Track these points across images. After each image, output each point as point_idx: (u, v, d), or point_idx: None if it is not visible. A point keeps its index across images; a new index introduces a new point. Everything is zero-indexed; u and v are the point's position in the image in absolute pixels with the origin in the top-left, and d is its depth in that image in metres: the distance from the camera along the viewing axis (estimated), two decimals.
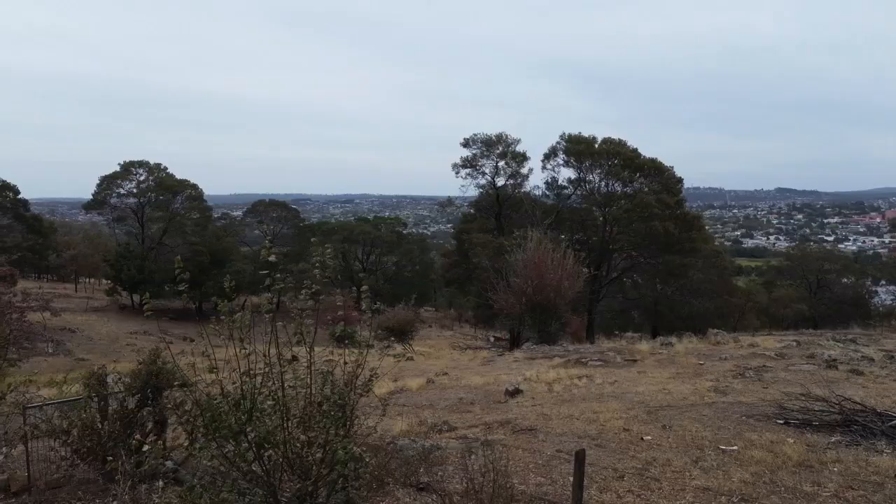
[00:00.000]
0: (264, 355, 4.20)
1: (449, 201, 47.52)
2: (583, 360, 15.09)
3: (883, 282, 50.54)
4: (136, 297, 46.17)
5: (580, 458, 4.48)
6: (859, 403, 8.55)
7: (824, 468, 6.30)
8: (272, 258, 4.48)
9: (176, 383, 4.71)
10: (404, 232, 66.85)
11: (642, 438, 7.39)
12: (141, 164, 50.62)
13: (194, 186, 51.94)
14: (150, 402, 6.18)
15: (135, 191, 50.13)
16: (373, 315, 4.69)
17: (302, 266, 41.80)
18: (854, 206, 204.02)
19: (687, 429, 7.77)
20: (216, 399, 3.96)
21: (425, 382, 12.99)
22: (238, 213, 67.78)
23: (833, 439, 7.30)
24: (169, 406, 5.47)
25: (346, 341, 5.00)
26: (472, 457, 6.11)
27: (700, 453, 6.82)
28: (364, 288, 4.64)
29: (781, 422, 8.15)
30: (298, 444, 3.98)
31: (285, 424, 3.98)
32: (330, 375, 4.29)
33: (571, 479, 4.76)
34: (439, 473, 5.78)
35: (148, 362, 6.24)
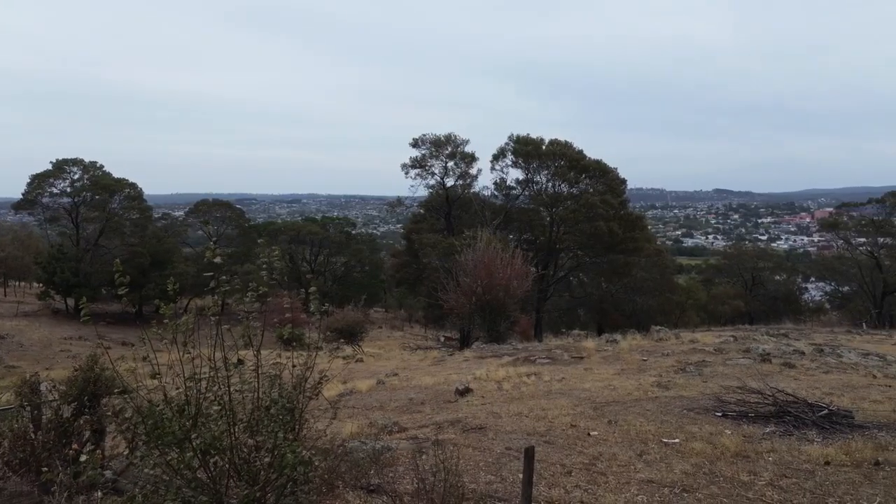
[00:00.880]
0: (209, 359, 4.10)
1: (398, 201, 47.41)
2: (531, 358, 15.30)
3: (812, 279, 53.13)
4: (71, 301, 44.21)
5: (529, 455, 4.54)
6: (791, 395, 8.97)
7: (760, 458, 6.59)
8: (217, 259, 4.38)
9: (115, 390, 4.54)
10: (353, 232, 66.27)
11: (589, 434, 7.56)
12: (75, 161, 48.47)
13: (133, 186, 50.09)
14: (87, 410, 5.94)
15: (68, 190, 47.94)
16: (321, 317, 4.64)
17: (248, 267, 40.90)
18: (785, 206, 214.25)
19: (632, 423, 7.99)
20: (158, 405, 3.84)
21: (375, 384, 12.92)
22: (180, 213, 65.74)
23: (768, 430, 7.64)
24: (108, 414, 5.26)
25: (294, 344, 4.92)
26: (423, 457, 6.12)
27: (644, 447, 7.02)
28: (312, 289, 4.59)
29: (720, 414, 8.48)
30: (246, 450, 3.90)
31: (232, 430, 3.90)
32: (278, 379, 4.23)
33: (521, 476, 4.82)
34: (390, 474, 5.76)
35: (85, 369, 5.98)
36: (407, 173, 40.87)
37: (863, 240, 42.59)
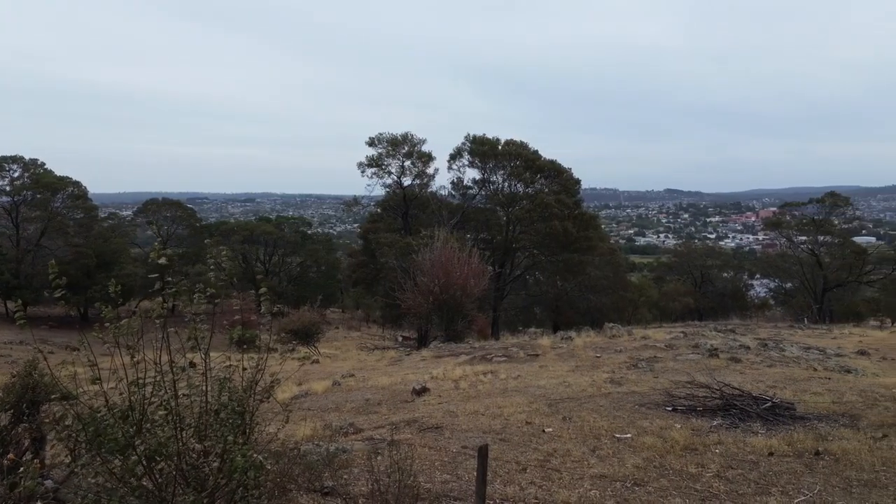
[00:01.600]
0: (155, 363, 3.98)
1: (355, 200, 46.96)
2: (488, 356, 15.39)
3: (758, 276, 54.99)
4: (11, 305, 42.31)
5: (483, 453, 4.56)
6: (737, 388, 9.28)
7: (707, 450, 6.78)
8: (163, 260, 4.24)
9: (54, 396, 4.36)
10: (309, 232, 65.38)
11: (544, 430, 7.64)
12: (14, 159, 46.40)
13: (77, 184, 48.26)
14: (25, 417, 5.68)
15: (7, 188, 45.85)
16: (273, 318, 4.55)
17: (198, 268, 39.94)
18: (732, 206, 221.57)
19: (585, 419, 8.12)
20: (100, 412, 3.70)
21: (331, 385, 12.78)
22: (127, 212, 63.70)
23: (715, 423, 7.88)
24: (47, 421, 5.04)
25: (245, 346, 4.82)
26: (379, 458, 6.08)
27: (597, 442, 7.14)
28: (263, 290, 4.49)
29: (670, 409, 8.70)
30: (194, 455, 3.79)
31: (179, 435, 3.78)
32: (227, 382, 4.12)
33: (476, 474, 4.83)
34: (345, 477, 5.70)
35: (23, 374, 5.73)
36: (363, 172, 40.58)
37: (804, 238, 44.33)
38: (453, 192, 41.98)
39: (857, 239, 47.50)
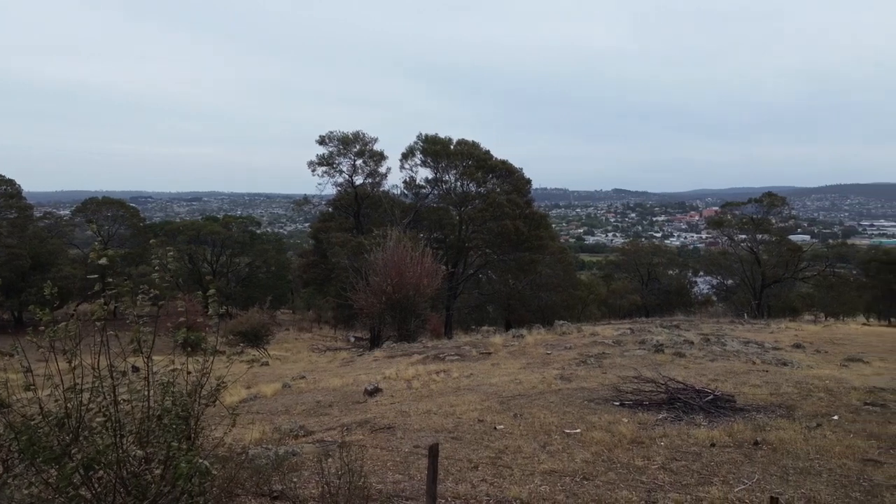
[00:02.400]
0: (94, 368, 3.83)
1: (305, 199, 46.26)
2: (441, 355, 15.43)
3: (701, 273, 56.79)
4: None
5: (433, 452, 4.57)
6: (682, 383, 9.57)
7: (653, 443, 6.97)
8: (103, 261, 4.09)
9: None
10: (258, 231, 64.06)
11: (495, 428, 7.71)
12: None
13: (10, 182, 46.00)
14: None
15: None
16: (220, 319, 4.44)
17: (142, 269, 38.63)
18: (677, 205, 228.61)
19: (536, 416, 8.23)
20: (35, 419, 3.54)
21: (281, 387, 12.58)
22: (65, 212, 60.98)
23: (660, 416, 8.11)
24: None
25: (191, 349, 4.69)
26: (329, 460, 6.01)
27: (548, 438, 7.25)
28: (210, 291, 4.38)
29: (618, 403, 8.90)
30: (135, 462, 3.67)
31: (119, 442, 3.65)
32: (171, 386, 4.00)
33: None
34: (294, 480, 5.62)
35: None
36: (314, 171, 40.01)
37: (744, 236, 46.01)
38: (406, 192, 41.86)
39: (793, 237, 49.58)
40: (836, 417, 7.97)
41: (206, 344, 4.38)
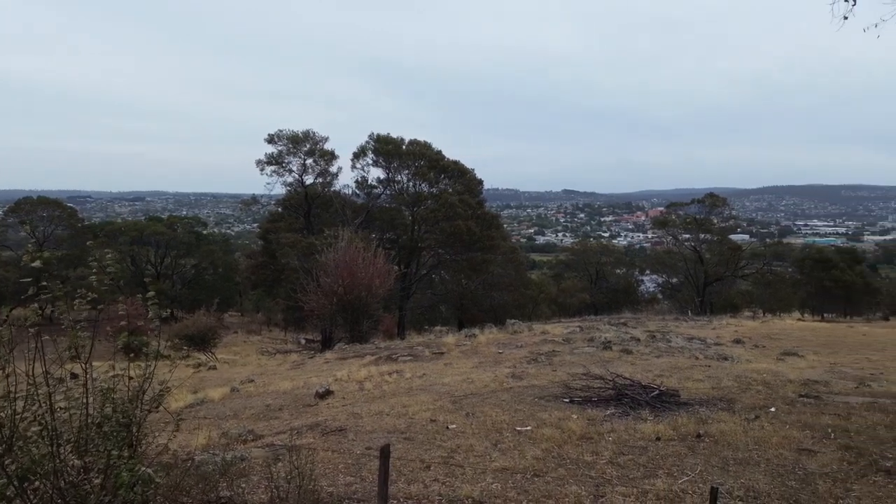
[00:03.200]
0: (28, 375, 3.66)
1: (254, 199, 45.28)
2: (393, 356, 15.38)
3: (647, 272, 58.37)
4: None
5: (385, 453, 4.55)
6: (629, 379, 9.82)
7: (601, 438, 7.13)
8: (38, 263, 3.92)
9: None
10: (204, 232, 62.45)
11: (448, 427, 7.74)
12: None
13: None
14: None
15: None
16: (163, 323, 4.32)
17: (80, 272, 37.12)
18: (624, 206, 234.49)
19: (488, 414, 8.29)
20: None
21: (229, 391, 12.30)
22: None
23: (608, 412, 8.29)
24: None
25: (133, 354, 4.54)
26: (279, 464, 5.92)
27: (499, 436, 7.31)
28: (151, 293, 4.25)
29: (567, 400, 9.06)
30: (73, 472, 3.53)
31: (56, 451, 3.50)
32: (112, 392, 3.87)
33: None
34: (243, 485, 5.50)
35: None
36: (263, 170, 39.21)
37: (688, 236, 47.54)
38: (357, 192, 41.54)
39: (733, 237, 51.48)
40: (773, 409, 8.32)
41: (148, 348, 4.24)
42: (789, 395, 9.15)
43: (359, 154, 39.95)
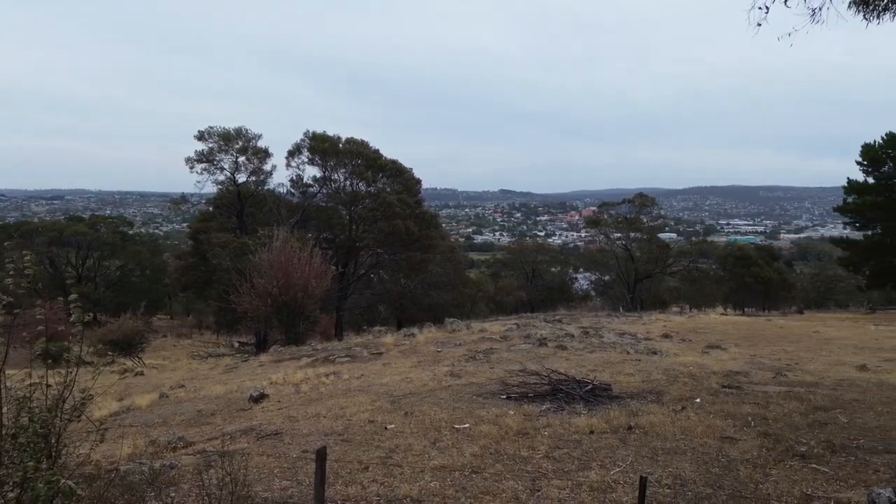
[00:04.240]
0: None
1: (183, 198, 43.63)
2: (331, 357, 15.18)
3: (581, 270, 59.95)
4: None
5: (321, 455, 4.50)
6: (564, 374, 10.06)
7: (538, 433, 7.27)
8: None
9: None
10: (130, 232, 59.86)
11: (386, 427, 7.71)
12: None
13: None
14: None
15: None
16: (86, 327, 4.11)
17: None
18: (559, 206, 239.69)
19: (426, 413, 8.31)
20: None
21: (158, 397, 11.84)
22: None
23: (544, 407, 8.47)
24: None
25: (52, 360, 4.30)
26: (211, 471, 5.74)
27: (438, 434, 7.35)
28: (72, 297, 4.04)
29: (504, 397, 9.20)
30: None
31: None
32: (28, 401, 3.65)
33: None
34: (172, 495, 5.31)
35: None
36: (192, 168, 37.78)
37: (619, 235, 49.11)
38: (293, 190, 40.67)
39: (662, 235, 53.62)
40: (698, 400, 8.71)
41: (69, 354, 4.03)
42: (713, 386, 9.60)
43: (294, 152, 39.14)
